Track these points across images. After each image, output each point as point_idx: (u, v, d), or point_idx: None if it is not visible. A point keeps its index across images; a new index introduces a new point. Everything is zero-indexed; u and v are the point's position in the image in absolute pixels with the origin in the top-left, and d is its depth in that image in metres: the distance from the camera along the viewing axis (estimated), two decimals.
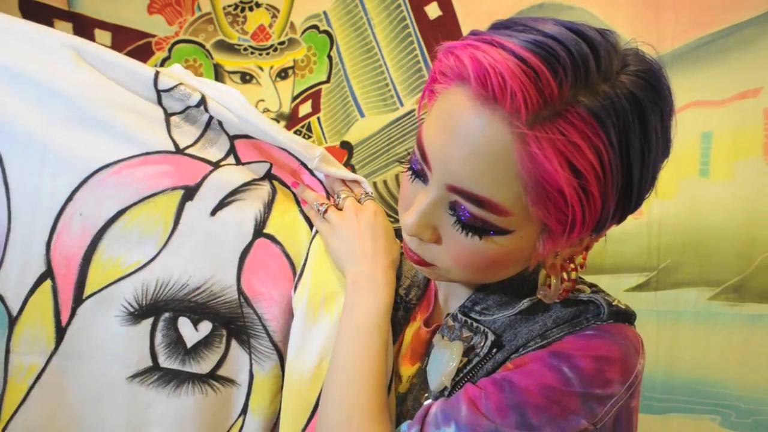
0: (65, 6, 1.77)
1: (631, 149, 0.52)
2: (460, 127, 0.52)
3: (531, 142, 0.49)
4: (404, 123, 1.64)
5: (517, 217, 0.54)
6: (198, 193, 0.65)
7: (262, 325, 0.67)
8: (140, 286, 0.64)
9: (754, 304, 1.38)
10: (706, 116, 1.41)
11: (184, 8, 1.77)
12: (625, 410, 0.58)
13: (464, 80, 0.52)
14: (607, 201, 0.53)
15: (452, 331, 0.66)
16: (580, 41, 0.50)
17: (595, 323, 0.60)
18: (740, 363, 1.39)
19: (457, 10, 1.59)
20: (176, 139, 0.66)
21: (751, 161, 1.38)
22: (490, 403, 0.56)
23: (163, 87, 0.66)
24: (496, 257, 0.57)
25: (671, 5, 1.43)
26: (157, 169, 0.64)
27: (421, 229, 0.58)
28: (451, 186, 0.54)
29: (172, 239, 0.64)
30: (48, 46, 0.63)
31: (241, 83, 1.76)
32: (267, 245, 0.68)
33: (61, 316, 0.62)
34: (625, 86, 0.51)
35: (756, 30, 1.38)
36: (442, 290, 0.73)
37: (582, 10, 1.48)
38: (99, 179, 0.62)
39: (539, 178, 0.51)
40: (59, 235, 0.62)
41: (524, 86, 0.48)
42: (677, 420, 1.43)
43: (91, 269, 0.63)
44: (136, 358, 0.64)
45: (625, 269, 1.45)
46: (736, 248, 1.39)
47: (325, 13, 1.70)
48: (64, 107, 0.62)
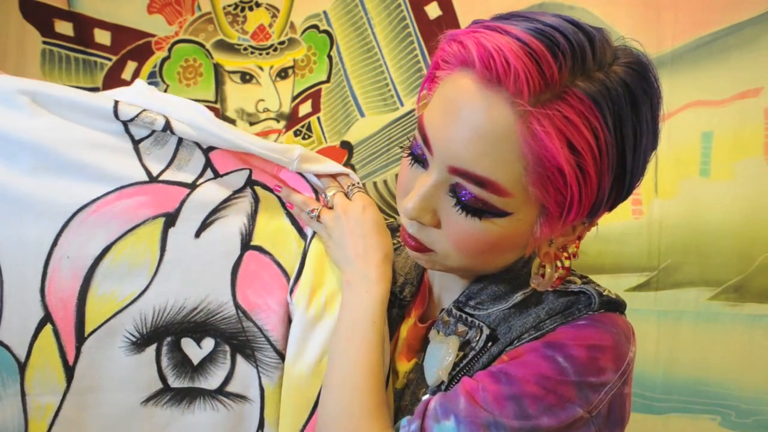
0: (65, 6, 1.77)
1: (624, 133, 0.54)
2: (464, 109, 0.54)
3: (533, 120, 0.52)
4: (404, 123, 1.64)
5: (517, 199, 0.55)
6: (179, 218, 0.66)
7: (265, 337, 0.68)
8: (138, 316, 0.66)
9: (754, 304, 1.38)
10: (707, 116, 1.41)
11: (184, 8, 1.77)
12: (618, 397, 0.59)
13: (467, 65, 0.55)
14: (603, 182, 0.55)
15: (447, 326, 0.67)
16: (578, 31, 0.53)
17: (587, 313, 0.62)
18: (740, 363, 1.39)
19: (457, 10, 1.59)
20: (149, 166, 0.67)
21: (752, 161, 1.38)
22: (487, 395, 0.57)
23: (124, 117, 0.67)
24: (495, 240, 0.58)
25: (671, 5, 1.43)
26: (134, 201, 0.65)
27: (422, 213, 0.59)
28: (452, 168, 0.56)
29: (161, 267, 0.66)
30: (1, 96, 0.64)
31: (241, 83, 1.76)
32: (257, 257, 0.69)
33: (67, 356, 0.64)
34: (618, 75, 0.54)
35: (756, 30, 1.38)
36: (435, 286, 0.74)
37: (582, 10, 1.48)
38: (79, 221, 0.64)
39: (540, 155, 0.53)
40: (51, 280, 0.63)
41: (527, 68, 0.51)
42: (677, 420, 1.43)
43: (88, 307, 0.64)
44: (147, 382, 0.67)
45: (625, 269, 1.45)
46: (736, 248, 1.39)
47: (325, 12, 1.70)
48: (30, 157, 0.64)
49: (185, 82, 1.78)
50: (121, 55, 1.78)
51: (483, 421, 0.56)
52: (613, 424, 0.59)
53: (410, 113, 1.64)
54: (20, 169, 0.63)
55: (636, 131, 0.55)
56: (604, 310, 0.63)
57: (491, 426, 0.56)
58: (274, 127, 1.75)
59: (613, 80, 0.53)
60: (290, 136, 1.74)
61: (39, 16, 1.76)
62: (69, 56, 1.77)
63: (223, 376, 0.68)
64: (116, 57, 1.78)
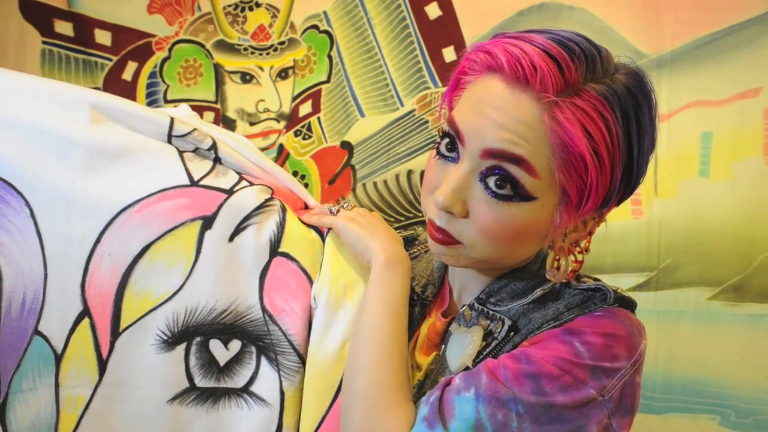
0: (65, 6, 1.77)
1: (630, 128, 0.62)
2: (495, 105, 0.61)
3: (557, 111, 0.60)
4: (404, 123, 1.64)
5: (543, 183, 0.61)
6: (215, 221, 0.69)
7: (288, 341, 0.70)
8: (171, 315, 0.68)
9: (754, 304, 1.39)
10: (706, 116, 1.41)
11: (184, 8, 1.77)
12: (630, 385, 0.63)
13: (494, 70, 0.63)
14: (615, 170, 0.62)
15: (469, 319, 0.71)
16: (588, 43, 0.62)
17: (603, 306, 0.67)
18: (740, 363, 1.39)
19: (457, 10, 1.59)
20: (191, 170, 0.71)
21: (751, 161, 1.38)
22: (508, 373, 0.61)
23: (178, 133, 0.72)
24: (520, 226, 0.63)
25: (671, 5, 1.43)
26: (175, 203, 0.68)
27: (453, 202, 0.63)
28: (486, 150, 0.61)
29: (195, 268, 0.68)
30: (64, 101, 0.68)
31: (241, 83, 1.76)
32: (284, 263, 0.72)
33: (102, 350, 0.67)
34: (621, 82, 0.62)
35: (756, 30, 1.38)
36: (456, 286, 0.77)
37: (582, 10, 1.48)
38: (123, 220, 0.67)
39: (565, 141, 0.60)
40: (92, 276, 0.66)
41: (550, 69, 0.59)
42: (677, 420, 1.43)
43: (124, 304, 0.67)
44: (174, 381, 0.69)
45: (625, 269, 1.46)
46: (735, 248, 1.39)
47: (325, 13, 1.70)
48: (83, 157, 0.67)
49: (185, 82, 1.78)
50: (121, 56, 1.78)
51: (502, 396, 0.60)
52: (624, 410, 0.63)
53: (410, 113, 1.64)
54: (72, 167, 0.66)
55: (639, 128, 0.62)
56: (618, 305, 0.68)
57: (510, 401, 0.60)
58: (275, 127, 1.75)
59: (618, 85, 0.62)
60: (290, 136, 1.74)
61: (39, 16, 1.76)
62: (69, 56, 1.78)
63: (249, 376, 0.70)
64: (117, 57, 1.78)
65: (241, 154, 0.76)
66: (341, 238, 0.75)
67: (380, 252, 0.71)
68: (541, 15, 1.51)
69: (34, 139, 0.66)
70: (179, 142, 0.72)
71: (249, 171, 0.76)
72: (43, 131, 0.66)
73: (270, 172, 0.77)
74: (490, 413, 0.59)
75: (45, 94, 0.69)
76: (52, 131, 0.66)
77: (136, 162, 0.69)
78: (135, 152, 0.69)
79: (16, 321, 0.65)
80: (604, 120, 0.60)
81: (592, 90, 0.60)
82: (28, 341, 0.65)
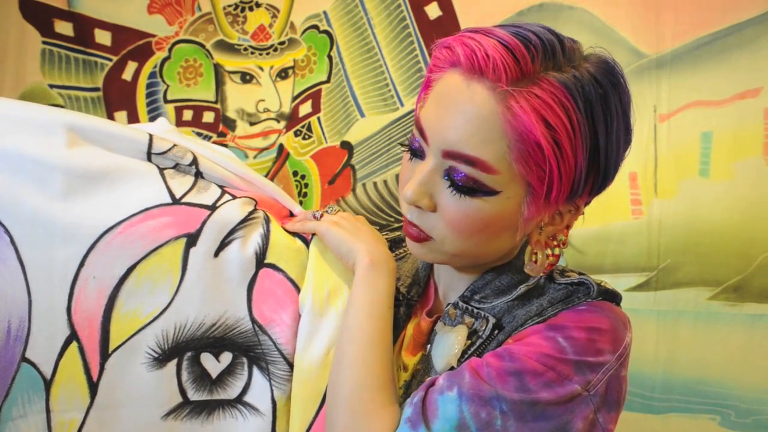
0: (65, 6, 1.77)
1: (595, 115, 0.61)
2: (452, 100, 0.62)
3: (511, 100, 0.60)
4: (404, 123, 1.64)
5: (504, 176, 0.62)
6: (200, 238, 0.69)
7: (278, 350, 0.71)
8: (160, 333, 0.68)
9: (754, 304, 1.39)
10: (706, 116, 1.41)
11: (184, 8, 1.77)
12: (615, 379, 0.63)
13: (455, 65, 0.63)
14: (578, 158, 0.61)
15: (454, 318, 0.70)
16: (549, 33, 0.62)
17: (587, 300, 0.67)
18: (740, 363, 1.39)
19: (457, 10, 1.59)
20: (172, 188, 0.71)
21: (751, 161, 1.38)
22: (491, 370, 0.61)
23: (157, 150, 0.72)
24: (487, 219, 0.63)
25: (671, 5, 1.43)
26: (158, 222, 0.68)
27: (420, 196, 0.64)
28: (446, 151, 0.62)
29: (182, 285, 0.68)
30: (39, 125, 0.67)
31: (241, 83, 1.76)
32: (270, 274, 0.72)
33: (92, 373, 0.67)
34: (587, 69, 0.62)
35: (756, 30, 1.38)
36: (441, 286, 0.77)
37: (582, 10, 1.48)
38: (106, 242, 0.67)
39: (520, 130, 0.60)
40: (77, 300, 0.66)
41: (504, 58, 0.59)
42: (677, 420, 1.43)
43: (112, 325, 0.67)
44: (167, 396, 0.69)
45: (625, 269, 1.46)
46: (735, 248, 1.39)
47: (325, 13, 1.70)
48: (62, 181, 0.66)
49: (185, 82, 1.78)
50: (121, 56, 1.78)
51: (485, 394, 0.59)
52: (610, 404, 0.62)
53: (410, 113, 1.64)
54: (51, 192, 0.66)
55: (606, 117, 0.62)
56: (601, 299, 0.68)
57: (493, 399, 0.59)
58: (275, 127, 1.75)
59: (582, 72, 0.61)
60: (290, 136, 1.74)
61: (39, 16, 1.76)
62: (69, 56, 1.78)
63: (242, 387, 0.71)
64: (117, 57, 1.78)
65: (223, 166, 0.75)
66: (325, 243, 0.75)
67: (364, 254, 0.71)
68: (541, 15, 1.51)
69: (11, 165, 0.65)
70: (159, 159, 0.72)
71: (231, 183, 0.76)
72: (20, 157, 0.65)
73: (253, 182, 0.77)
74: (473, 412, 0.59)
75: (20, 118, 0.67)
76: (29, 156, 0.65)
77: (116, 183, 0.68)
78: (114, 173, 0.68)
79: (2, 349, 0.64)
80: (563, 108, 0.60)
81: (553, 78, 0.60)
82: (15, 369, 0.65)
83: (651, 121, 1.44)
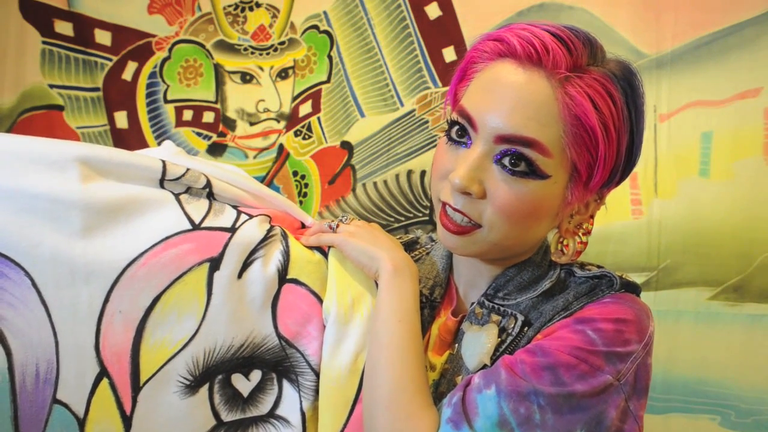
0: (65, 6, 1.77)
1: (630, 108, 0.66)
2: (507, 85, 0.65)
3: (568, 86, 0.64)
4: (404, 123, 1.64)
5: (555, 160, 0.65)
6: (222, 261, 0.70)
7: (306, 362, 0.72)
8: (191, 360, 0.68)
9: (754, 303, 1.39)
10: (706, 116, 1.41)
11: (185, 8, 1.77)
12: (642, 367, 0.65)
13: (505, 55, 0.66)
14: (621, 145, 0.66)
15: (480, 317, 0.72)
16: (585, 32, 0.67)
17: (610, 292, 0.69)
18: (740, 363, 1.39)
19: (457, 10, 1.59)
20: (190, 214, 0.70)
21: (751, 161, 1.38)
22: (525, 367, 0.63)
23: (171, 177, 0.71)
24: (536, 202, 0.66)
25: (671, 5, 1.43)
26: (180, 250, 0.68)
27: (470, 182, 0.65)
28: (500, 136, 0.64)
29: (209, 310, 0.69)
30: (52, 161, 0.66)
31: (242, 83, 1.76)
32: (293, 289, 0.73)
33: (125, 407, 0.67)
34: (616, 67, 0.67)
35: (756, 30, 1.38)
36: (461, 285, 0.79)
37: (582, 11, 1.48)
38: (129, 275, 0.66)
39: (577, 114, 0.64)
40: (105, 336, 0.66)
41: (561, 49, 0.64)
42: (677, 420, 1.43)
43: (142, 357, 0.67)
44: (202, 421, 0.69)
45: (625, 269, 1.44)
46: (736, 248, 1.39)
47: (325, 13, 1.70)
48: (79, 218, 0.65)
49: (185, 82, 1.78)
50: (121, 56, 1.78)
51: (523, 390, 0.61)
52: (640, 392, 0.64)
53: (410, 113, 1.64)
54: (70, 230, 0.65)
55: (637, 107, 0.67)
56: (624, 290, 0.70)
57: (531, 394, 0.61)
58: (275, 127, 1.75)
59: (614, 68, 0.66)
60: (290, 136, 1.74)
61: (39, 16, 1.76)
62: (69, 56, 1.78)
63: (272, 401, 0.71)
64: (117, 57, 1.78)
65: (234, 185, 0.75)
66: (345, 254, 0.75)
67: (387, 261, 0.72)
68: (541, 15, 1.51)
69: (26, 205, 0.64)
70: (172, 185, 0.71)
71: (243, 202, 0.76)
72: (35, 196, 0.64)
73: (264, 198, 0.77)
74: (512, 408, 0.61)
75: (31, 155, 0.66)
76: (44, 195, 0.64)
77: (133, 214, 0.68)
78: (131, 204, 0.68)
79: (33, 394, 0.64)
80: (611, 97, 0.64)
81: (595, 70, 0.65)
82: (48, 411, 0.64)
83: (651, 121, 1.44)
